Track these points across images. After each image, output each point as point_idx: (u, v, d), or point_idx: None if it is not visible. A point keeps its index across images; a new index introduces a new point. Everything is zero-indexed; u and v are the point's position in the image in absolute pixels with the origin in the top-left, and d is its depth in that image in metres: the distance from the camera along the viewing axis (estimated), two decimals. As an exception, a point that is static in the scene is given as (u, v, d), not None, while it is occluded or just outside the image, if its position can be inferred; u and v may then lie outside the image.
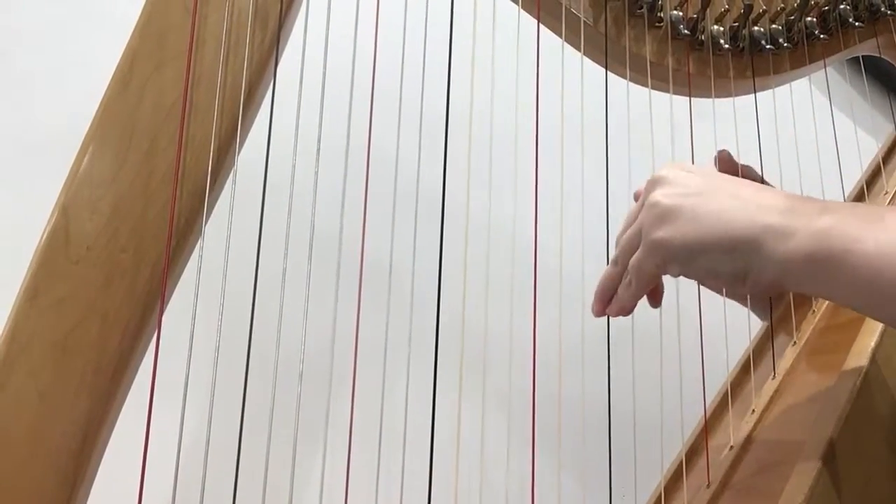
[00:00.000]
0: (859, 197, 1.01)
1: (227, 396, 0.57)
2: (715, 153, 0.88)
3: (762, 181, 0.84)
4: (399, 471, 0.66)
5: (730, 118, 0.91)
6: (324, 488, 0.62)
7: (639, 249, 0.60)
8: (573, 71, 0.77)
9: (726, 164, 0.84)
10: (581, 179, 0.80)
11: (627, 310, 0.65)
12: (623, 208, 0.79)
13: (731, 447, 0.75)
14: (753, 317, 0.88)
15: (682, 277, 0.62)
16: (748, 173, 0.85)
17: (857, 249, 0.49)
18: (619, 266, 0.64)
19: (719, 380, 0.85)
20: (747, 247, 0.53)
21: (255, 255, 0.60)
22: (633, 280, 0.62)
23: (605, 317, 0.70)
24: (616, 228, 0.72)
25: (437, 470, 0.61)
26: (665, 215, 0.57)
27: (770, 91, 0.94)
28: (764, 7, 0.89)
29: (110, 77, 0.60)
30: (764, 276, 0.53)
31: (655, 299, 0.68)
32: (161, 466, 0.53)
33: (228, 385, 0.57)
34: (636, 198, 0.64)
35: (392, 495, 0.67)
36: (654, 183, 0.60)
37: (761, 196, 0.55)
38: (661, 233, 0.57)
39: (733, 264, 0.54)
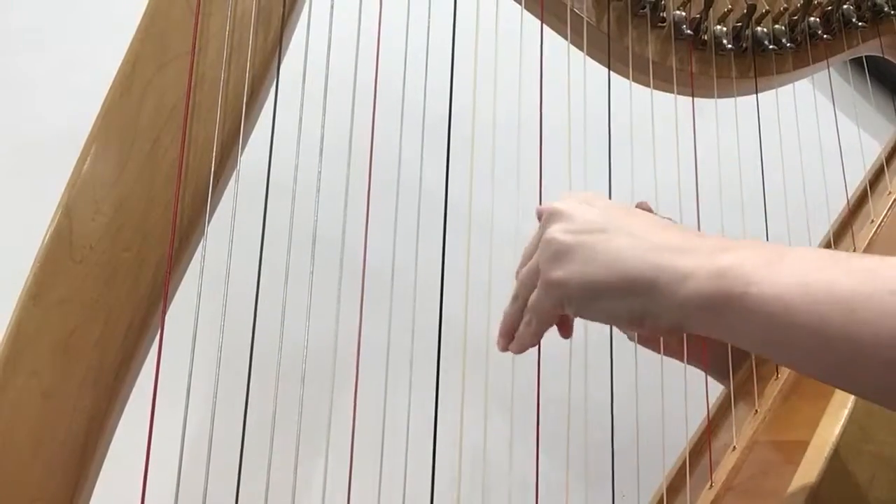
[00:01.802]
0: (862, 198, 1.01)
1: (230, 396, 0.57)
2: (718, 153, 0.88)
3: None
4: (401, 472, 0.66)
5: (732, 118, 0.91)
6: (326, 488, 0.62)
7: (536, 288, 0.58)
8: (576, 71, 0.77)
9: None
10: (584, 179, 0.80)
11: (527, 347, 0.62)
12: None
13: (734, 448, 0.75)
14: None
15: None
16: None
17: (753, 292, 0.46)
18: (520, 301, 0.61)
19: (722, 380, 0.85)
20: (643, 290, 0.51)
21: (258, 255, 0.60)
22: (532, 319, 0.60)
23: None
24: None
25: (439, 471, 0.61)
26: (560, 254, 0.54)
27: (773, 91, 0.94)
28: (767, 7, 0.89)
29: (112, 77, 0.60)
30: (662, 320, 0.51)
31: (565, 332, 0.65)
32: (164, 466, 0.53)
33: (231, 384, 0.57)
34: (539, 216, 0.60)
35: (394, 497, 0.67)
36: (550, 217, 0.57)
37: (657, 234, 0.53)
38: (558, 273, 0.54)
39: (630, 307, 0.52)
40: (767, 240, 0.85)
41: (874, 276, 0.42)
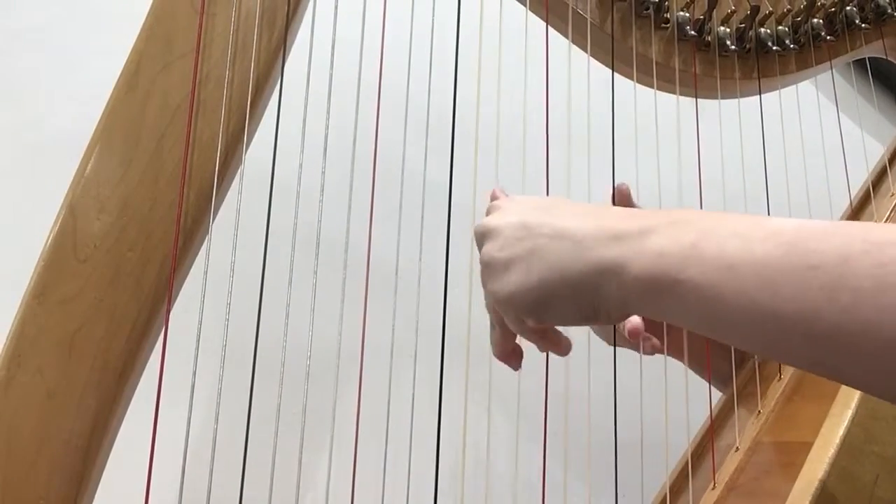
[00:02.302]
0: (865, 199, 1.01)
1: (234, 395, 0.57)
2: (721, 154, 0.88)
3: None
4: (405, 470, 0.66)
5: (735, 119, 0.91)
6: (330, 486, 0.62)
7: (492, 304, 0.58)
8: (580, 72, 0.77)
9: (624, 199, 0.81)
10: (587, 179, 0.80)
11: (549, 349, 0.62)
12: (629, 209, 0.79)
13: (737, 448, 0.75)
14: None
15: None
16: None
17: (684, 279, 0.46)
18: (498, 326, 0.61)
19: (725, 381, 0.85)
20: (586, 290, 0.51)
21: (262, 254, 0.60)
22: (529, 336, 0.60)
23: None
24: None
25: (443, 469, 0.61)
26: (499, 273, 0.55)
27: (776, 92, 0.94)
28: (770, 8, 0.89)
29: (113, 76, 0.60)
30: (612, 311, 0.51)
31: (559, 349, 0.63)
32: (168, 464, 0.53)
33: (235, 383, 0.57)
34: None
35: (398, 494, 0.67)
36: (481, 237, 0.58)
37: (584, 226, 0.52)
38: (502, 293, 0.54)
39: (580, 307, 0.52)
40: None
41: (795, 250, 0.43)
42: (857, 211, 1.00)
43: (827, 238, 0.42)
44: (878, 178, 1.05)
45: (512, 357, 0.63)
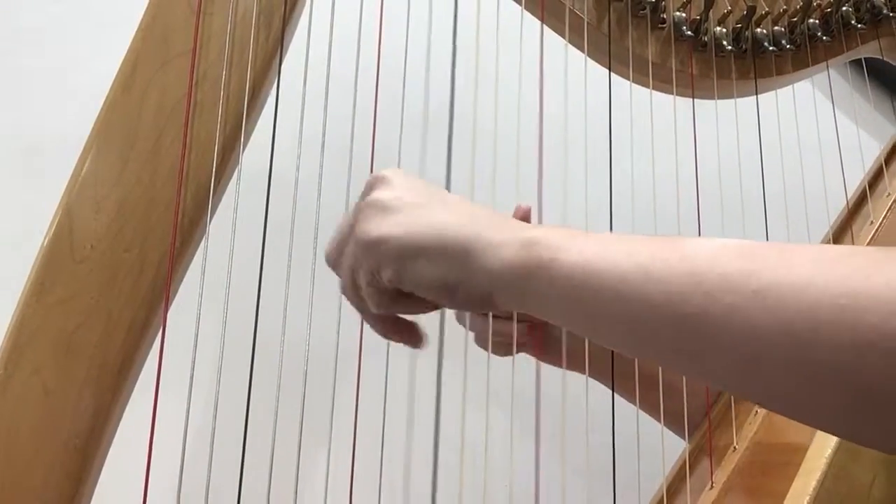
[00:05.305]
0: (862, 199, 1.01)
1: (232, 394, 0.57)
2: (718, 154, 0.88)
3: None
4: (403, 466, 0.66)
5: (732, 120, 0.91)
6: (328, 483, 0.62)
7: (352, 255, 0.54)
8: (576, 72, 0.77)
9: (524, 218, 0.78)
10: (584, 179, 0.80)
11: (415, 335, 0.59)
12: (626, 208, 0.79)
13: (735, 448, 0.75)
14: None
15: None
16: None
17: (560, 258, 0.47)
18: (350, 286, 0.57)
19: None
20: (457, 252, 0.51)
21: (260, 253, 0.60)
22: (369, 299, 0.55)
23: None
24: (618, 226, 0.72)
25: (440, 466, 0.61)
26: (384, 212, 0.53)
27: (773, 93, 0.94)
28: (766, 9, 0.89)
29: (112, 76, 0.60)
30: (474, 289, 0.51)
31: (412, 338, 0.60)
32: (166, 463, 0.53)
33: (233, 383, 0.57)
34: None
35: (396, 489, 0.67)
36: (374, 181, 0.56)
37: (475, 210, 0.54)
38: (378, 230, 0.52)
39: (442, 272, 0.51)
40: (767, 240, 0.85)
41: (671, 243, 0.45)
42: (854, 211, 1.00)
43: (700, 239, 0.45)
44: (875, 179, 1.05)
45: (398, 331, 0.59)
